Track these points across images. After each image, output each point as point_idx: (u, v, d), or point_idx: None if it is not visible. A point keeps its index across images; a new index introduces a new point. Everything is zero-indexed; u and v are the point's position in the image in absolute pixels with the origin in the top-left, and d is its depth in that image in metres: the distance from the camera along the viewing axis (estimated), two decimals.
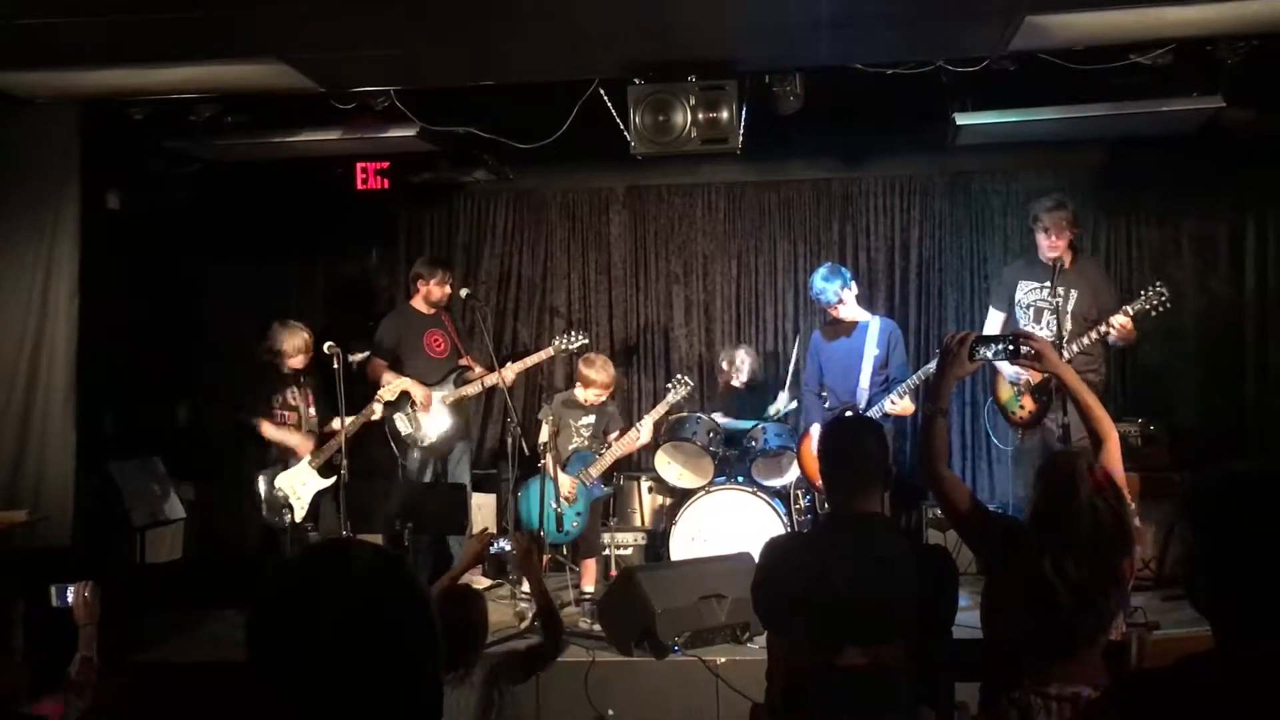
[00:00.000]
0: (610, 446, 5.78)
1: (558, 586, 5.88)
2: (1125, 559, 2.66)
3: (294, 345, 5.78)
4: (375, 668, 1.33)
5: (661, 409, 6.00)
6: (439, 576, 3.99)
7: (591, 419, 5.62)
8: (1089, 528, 2.59)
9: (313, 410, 5.87)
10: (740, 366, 6.54)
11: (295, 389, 5.89)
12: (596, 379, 5.71)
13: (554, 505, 5.45)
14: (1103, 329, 5.27)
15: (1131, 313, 5.21)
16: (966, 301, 7.09)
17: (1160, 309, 5.19)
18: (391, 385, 5.96)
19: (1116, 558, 2.63)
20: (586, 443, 5.59)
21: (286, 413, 5.87)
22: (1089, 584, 2.59)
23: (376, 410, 5.86)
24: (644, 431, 5.77)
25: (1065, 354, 5.14)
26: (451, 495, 5.79)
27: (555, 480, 5.43)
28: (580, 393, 5.80)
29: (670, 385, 6.03)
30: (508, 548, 5.51)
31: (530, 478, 5.83)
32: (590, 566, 5.93)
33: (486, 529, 4.35)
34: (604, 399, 5.78)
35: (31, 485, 5.33)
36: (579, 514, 5.57)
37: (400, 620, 1.37)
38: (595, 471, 5.67)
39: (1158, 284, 5.23)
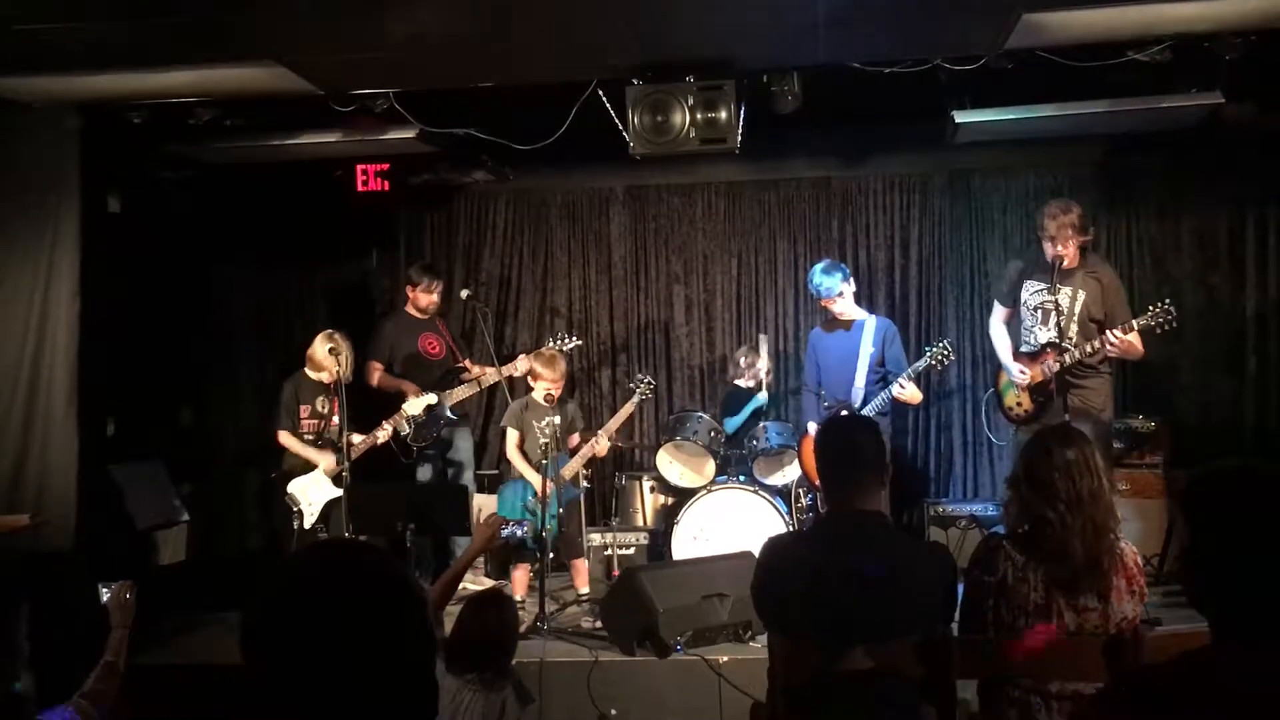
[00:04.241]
0: (570, 447, 5.81)
1: (556, 588, 5.91)
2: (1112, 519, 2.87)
3: (338, 360, 5.72)
4: (371, 668, 1.33)
5: (624, 415, 6.02)
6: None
7: (555, 418, 5.62)
8: (1066, 481, 2.83)
9: (336, 419, 5.80)
10: (760, 362, 6.47)
11: (325, 397, 5.88)
12: (545, 373, 5.71)
13: (527, 508, 5.47)
14: (1100, 342, 4.98)
15: (1137, 327, 4.94)
16: (967, 299, 7.09)
17: (1167, 326, 4.91)
18: (414, 401, 6.01)
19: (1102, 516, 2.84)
20: (553, 443, 5.60)
21: (314, 421, 5.85)
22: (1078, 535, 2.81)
23: (395, 426, 5.92)
24: (601, 444, 5.81)
25: (1066, 359, 5.07)
26: (454, 496, 5.80)
27: (543, 481, 5.44)
28: (536, 391, 5.79)
29: (632, 386, 6.03)
30: (519, 533, 5.54)
31: (513, 479, 5.90)
32: (580, 567, 5.93)
33: (495, 514, 4.31)
34: (559, 395, 5.78)
35: (34, 489, 5.33)
36: (553, 516, 5.57)
37: (396, 620, 1.37)
38: (566, 474, 5.70)
39: (1166, 301, 4.93)
